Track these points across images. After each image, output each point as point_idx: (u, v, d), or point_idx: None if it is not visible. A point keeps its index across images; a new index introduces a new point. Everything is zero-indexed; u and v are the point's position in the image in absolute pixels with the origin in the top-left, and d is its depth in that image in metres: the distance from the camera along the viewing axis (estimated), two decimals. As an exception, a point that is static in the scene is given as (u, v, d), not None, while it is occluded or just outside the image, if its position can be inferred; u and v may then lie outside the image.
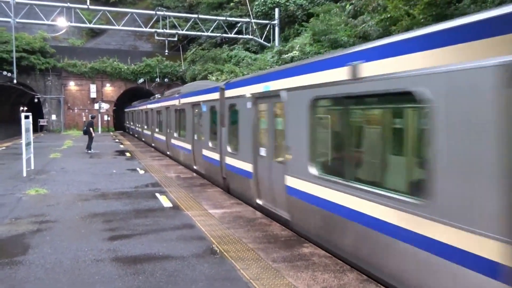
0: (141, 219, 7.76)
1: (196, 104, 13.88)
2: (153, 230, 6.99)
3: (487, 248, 3.48)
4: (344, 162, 5.85)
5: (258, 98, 8.60)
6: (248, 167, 9.01)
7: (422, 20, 12.14)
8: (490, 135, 3.50)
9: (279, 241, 6.39)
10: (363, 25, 17.80)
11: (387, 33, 15.27)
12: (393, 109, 5.22)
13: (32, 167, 13.93)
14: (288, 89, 7.09)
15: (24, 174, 12.71)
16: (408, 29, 11.39)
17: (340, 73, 5.58)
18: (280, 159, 7.61)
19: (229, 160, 10.35)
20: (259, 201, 8.60)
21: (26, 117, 13.38)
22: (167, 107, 19.58)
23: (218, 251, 5.89)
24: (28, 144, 13.45)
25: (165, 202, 9.23)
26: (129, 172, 14.14)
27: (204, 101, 12.77)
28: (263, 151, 8.37)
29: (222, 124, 10.94)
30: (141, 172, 14.13)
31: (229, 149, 10.39)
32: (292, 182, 6.97)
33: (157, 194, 10.05)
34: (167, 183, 11.83)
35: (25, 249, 6.03)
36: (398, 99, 4.89)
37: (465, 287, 3.71)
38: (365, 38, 17.11)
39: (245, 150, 9.22)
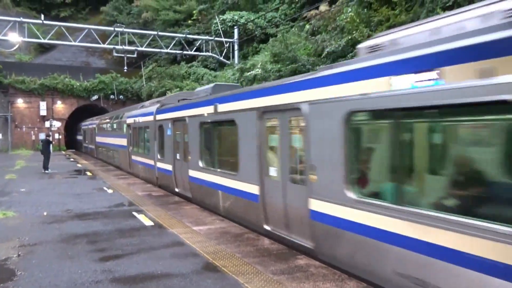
0: (127, 238, 7.66)
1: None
2: (143, 249, 6.93)
3: (255, 189, 7.89)
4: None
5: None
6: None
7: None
8: (254, 142, 7.92)
9: (272, 255, 6.56)
10: (324, 43, 18.51)
11: (347, 51, 16.08)
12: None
13: (-9, 189, 13.23)
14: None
15: (-16, 197, 12.06)
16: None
17: (209, 109, 10.24)
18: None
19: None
20: None
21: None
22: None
23: (216, 267, 5.97)
24: (-13, 165, 12.78)
25: (146, 221, 9.13)
26: (97, 191, 13.76)
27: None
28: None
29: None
30: (110, 191, 13.80)
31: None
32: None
33: (135, 213, 9.90)
34: (140, 201, 11.65)
35: (13, 274, 5.79)
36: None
37: (248, 206, 8.21)
38: (324, 56, 17.59)
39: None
